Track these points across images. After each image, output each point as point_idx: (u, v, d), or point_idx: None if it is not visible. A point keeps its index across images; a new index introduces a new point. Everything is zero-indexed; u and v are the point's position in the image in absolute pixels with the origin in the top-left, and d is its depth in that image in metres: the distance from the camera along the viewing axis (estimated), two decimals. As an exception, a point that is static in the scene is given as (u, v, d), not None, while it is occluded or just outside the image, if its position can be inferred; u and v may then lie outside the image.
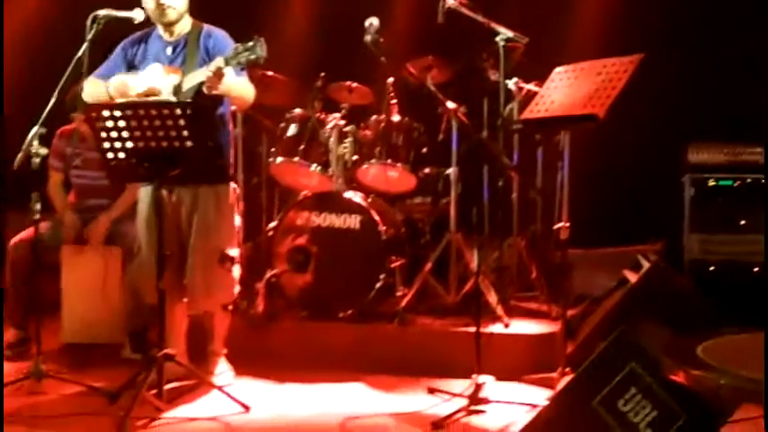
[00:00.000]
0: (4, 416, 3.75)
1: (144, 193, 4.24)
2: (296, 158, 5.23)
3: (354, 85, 5.46)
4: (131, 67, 4.24)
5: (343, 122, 5.26)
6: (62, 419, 3.72)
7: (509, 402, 3.93)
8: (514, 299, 5.16)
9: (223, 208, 4.21)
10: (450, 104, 4.98)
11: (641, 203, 5.82)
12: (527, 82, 5.20)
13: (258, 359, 4.65)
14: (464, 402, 3.90)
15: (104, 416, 3.74)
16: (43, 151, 4.08)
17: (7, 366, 4.59)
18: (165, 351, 3.88)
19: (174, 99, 3.95)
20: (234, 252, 4.27)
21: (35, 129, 4.04)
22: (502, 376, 4.16)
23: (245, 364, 4.53)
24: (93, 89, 4.13)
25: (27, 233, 4.75)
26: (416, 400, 4.08)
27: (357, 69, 5.58)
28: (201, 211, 4.16)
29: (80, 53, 4.03)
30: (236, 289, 4.34)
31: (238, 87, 4.10)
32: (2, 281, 5.00)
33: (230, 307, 4.44)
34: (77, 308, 4.90)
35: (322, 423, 3.78)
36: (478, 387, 3.93)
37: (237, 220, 4.35)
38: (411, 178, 5.24)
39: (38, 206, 4.17)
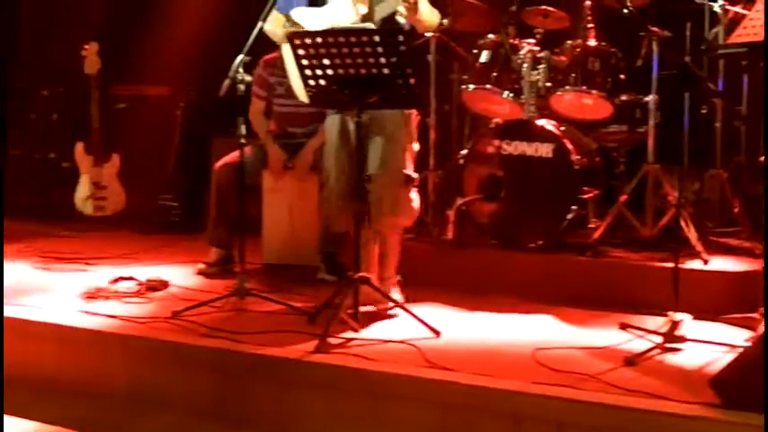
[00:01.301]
0: (211, 329, 3.97)
1: (332, 121, 4.29)
2: (488, 85, 5.22)
3: (550, 9, 5.31)
4: None
5: (537, 48, 5.15)
6: (263, 335, 3.87)
7: (706, 342, 3.79)
8: (715, 234, 4.94)
9: (404, 131, 4.22)
10: (651, 28, 4.79)
11: None
12: (734, 4, 4.92)
13: (447, 286, 4.70)
14: (659, 340, 3.79)
15: (303, 334, 3.87)
16: (248, 78, 4.21)
17: (212, 283, 4.86)
18: (362, 274, 3.97)
19: (372, 26, 3.98)
20: (413, 174, 4.29)
21: (240, 56, 4.16)
22: (699, 315, 4.00)
23: (435, 291, 4.58)
24: (273, 25, 4.20)
25: (232, 156, 4.95)
26: (608, 335, 4.00)
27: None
28: (389, 134, 4.18)
29: (283, -19, 4.12)
30: (416, 213, 4.35)
31: (428, 14, 4.09)
32: (207, 202, 5.27)
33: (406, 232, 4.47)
34: (277, 231, 5.09)
35: (513, 352, 3.76)
36: (675, 325, 3.80)
37: (416, 145, 4.35)
38: (607, 106, 5.07)
39: (243, 131, 4.32)
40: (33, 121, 7.14)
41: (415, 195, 4.29)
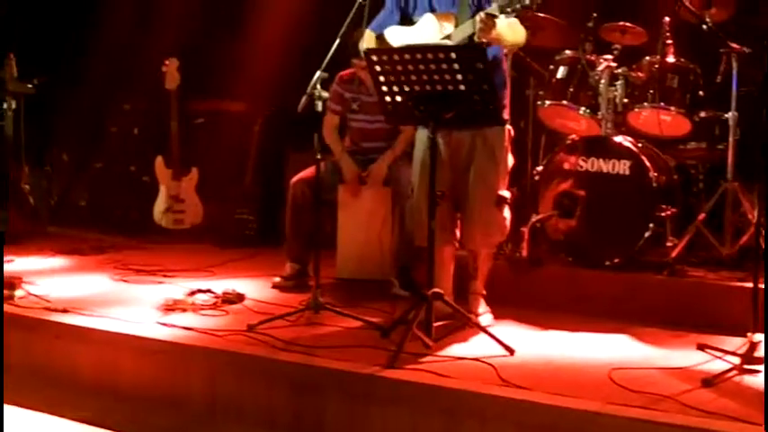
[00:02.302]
0: (286, 343, 4.00)
1: (421, 136, 4.33)
2: (564, 101, 5.20)
3: (628, 25, 5.26)
4: (404, 14, 4.32)
5: (614, 64, 5.11)
6: (337, 350, 3.89)
7: (787, 364, 3.71)
8: (795, 253, 4.84)
9: (499, 150, 4.25)
10: (731, 44, 4.72)
11: None
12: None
13: (521, 303, 4.67)
14: (737, 361, 3.71)
15: (376, 349, 3.88)
16: (325, 95, 4.27)
17: (287, 297, 4.91)
18: (435, 290, 3.97)
19: (449, 43, 4.00)
20: (506, 194, 4.30)
21: (318, 73, 4.22)
22: (779, 336, 3.93)
23: (509, 308, 4.55)
24: (367, 44, 4.26)
25: (307, 172, 5.01)
26: (685, 356, 3.92)
27: (630, 9, 5.38)
28: (479, 153, 4.21)
29: (361, -2, 4.16)
30: (507, 230, 4.38)
31: (509, 33, 4.08)
32: (282, 217, 5.33)
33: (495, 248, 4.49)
34: (351, 245, 5.14)
35: (588, 372, 3.72)
36: (754, 346, 3.71)
37: (510, 162, 4.36)
38: (685, 122, 5.01)
39: (319, 147, 4.36)
40: (115, 135, 7.32)
41: (507, 213, 4.31)
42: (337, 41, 4.20)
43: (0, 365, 4.00)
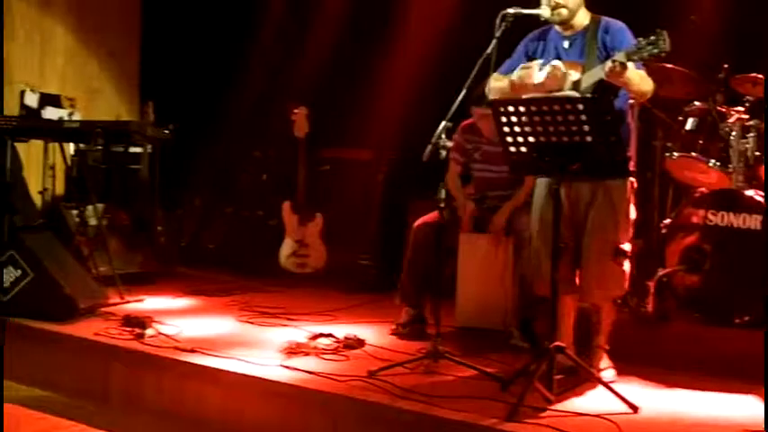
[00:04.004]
0: (405, 391, 4.00)
1: (540, 184, 4.31)
2: (693, 153, 5.10)
3: (759, 76, 5.14)
4: (532, 61, 4.33)
5: (746, 116, 5.00)
6: (455, 400, 3.87)
7: None
8: None
9: (620, 202, 4.18)
10: None
11: None
12: None
13: (646, 359, 4.55)
14: None
15: (496, 401, 3.85)
16: (450, 144, 4.31)
17: (406, 344, 4.92)
18: (557, 343, 3.92)
19: (576, 94, 3.99)
20: (627, 247, 4.23)
21: (443, 123, 4.25)
22: None
23: (633, 364, 4.44)
24: (496, 84, 4.28)
25: (430, 217, 5.05)
26: (821, 420, 3.77)
27: (763, 60, 5.25)
28: (598, 205, 4.16)
29: (488, 50, 4.15)
30: (627, 284, 4.29)
31: (637, 81, 4.04)
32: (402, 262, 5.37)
33: (618, 302, 4.41)
34: (471, 293, 5.13)
35: (716, 434, 3.63)
36: None
37: (633, 214, 4.29)
38: (820, 177, 4.85)
39: (443, 194, 4.39)
40: (244, 181, 7.56)
41: (626, 266, 4.23)
42: (463, 92, 4.23)
43: (0, 371, 4.27)
